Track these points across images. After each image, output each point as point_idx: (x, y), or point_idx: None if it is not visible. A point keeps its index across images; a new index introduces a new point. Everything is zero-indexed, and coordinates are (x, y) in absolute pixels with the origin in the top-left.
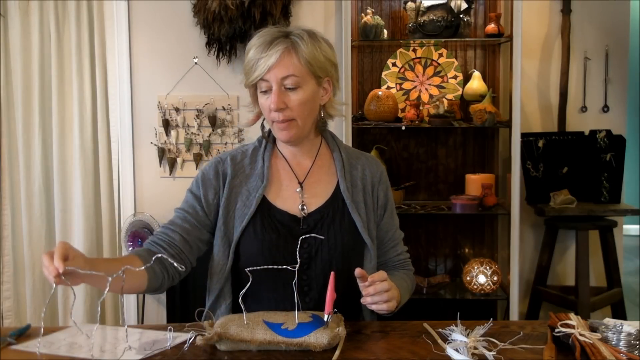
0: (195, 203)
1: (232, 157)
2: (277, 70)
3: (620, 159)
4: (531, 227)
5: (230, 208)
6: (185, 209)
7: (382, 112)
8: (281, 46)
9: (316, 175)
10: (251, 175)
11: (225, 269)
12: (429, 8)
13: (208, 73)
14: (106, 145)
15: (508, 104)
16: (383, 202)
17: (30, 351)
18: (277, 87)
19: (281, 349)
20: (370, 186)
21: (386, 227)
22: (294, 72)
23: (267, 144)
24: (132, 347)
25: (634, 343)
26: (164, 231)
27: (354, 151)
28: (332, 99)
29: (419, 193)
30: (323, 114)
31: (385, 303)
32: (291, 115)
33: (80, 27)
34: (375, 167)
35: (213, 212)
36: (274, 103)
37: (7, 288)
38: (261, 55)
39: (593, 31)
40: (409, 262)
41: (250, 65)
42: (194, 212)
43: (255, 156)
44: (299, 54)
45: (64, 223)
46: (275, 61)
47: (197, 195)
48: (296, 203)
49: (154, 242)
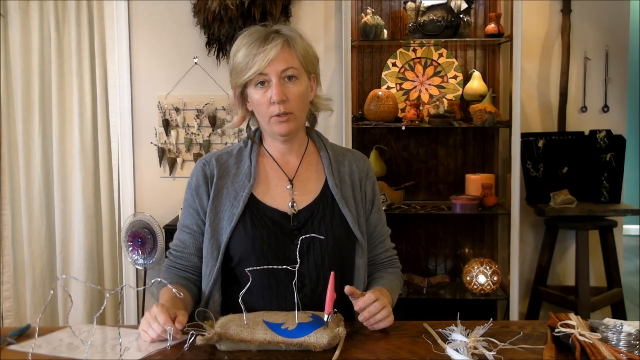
0: (197, 219)
1: (217, 158)
2: (277, 63)
3: (620, 159)
4: (531, 227)
5: (217, 209)
6: (190, 226)
7: (382, 112)
8: (279, 40)
9: (305, 173)
10: (237, 175)
11: (214, 270)
12: (429, 8)
13: (208, 73)
14: (106, 145)
15: (508, 104)
16: (371, 197)
17: (30, 351)
18: (277, 80)
19: (281, 349)
20: (358, 181)
21: (374, 221)
22: (292, 65)
23: (253, 144)
24: (132, 347)
25: (634, 343)
26: (182, 256)
27: (340, 148)
28: (317, 95)
29: (419, 193)
30: (312, 109)
31: (383, 321)
32: (290, 109)
33: (80, 27)
34: (362, 162)
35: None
36: (276, 94)
37: (7, 288)
38: (258, 51)
39: (593, 31)
40: (396, 260)
41: (245, 63)
42: (198, 229)
43: (241, 156)
44: (295, 48)
45: (64, 223)
46: (275, 54)
47: (195, 208)
48: (286, 200)
49: (180, 269)
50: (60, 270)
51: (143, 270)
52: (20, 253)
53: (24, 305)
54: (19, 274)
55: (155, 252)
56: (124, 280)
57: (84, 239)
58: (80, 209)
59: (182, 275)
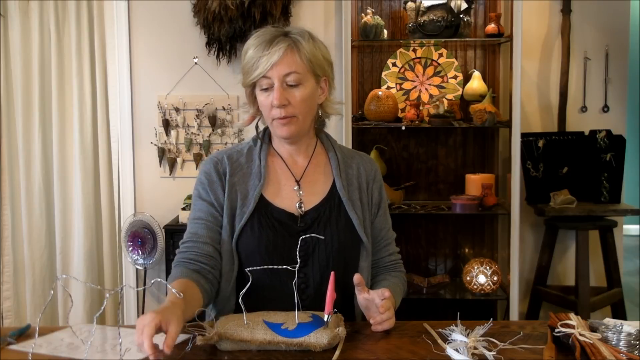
0: (212, 209)
1: (228, 156)
2: (279, 67)
3: (620, 159)
4: (531, 227)
5: (232, 206)
6: (204, 217)
7: (382, 112)
8: (283, 44)
9: (312, 174)
10: (248, 174)
11: (234, 269)
12: (429, 8)
13: (208, 73)
14: (106, 145)
15: (508, 104)
16: (377, 200)
17: (30, 351)
18: (279, 84)
19: (281, 349)
20: (365, 184)
21: (380, 225)
22: (296, 69)
23: (262, 143)
24: (132, 347)
25: (634, 343)
26: (194, 245)
27: (348, 150)
28: (328, 98)
29: (419, 193)
30: (321, 112)
31: (385, 322)
32: (293, 112)
33: (80, 27)
34: (370, 165)
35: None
36: (276, 99)
37: (7, 288)
38: (263, 54)
39: (593, 31)
40: (400, 264)
41: (251, 64)
42: (214, 220)
43: (251, 155)
44: (300, 52)
45: (64, 223)
46: (278, 58)
47: (209, 201)
48: (293, 201)
49: (191, 260)
50: (60, 270)
51: (143, 270)
52: (20, 253)
53: (24, 305)
54: (19, 274)
55: (155, 252)
56: (124, 280)
57: (84, 239)
58: (80, 209)
59: (192, 268)
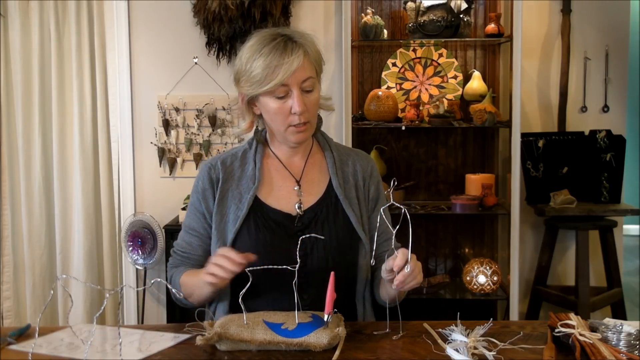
0: (204, 222)
1: (222, 162)
2: (298, 74)
3: (620, 159)
4: (531, 227)
5: (223, 213)
6: (196, 229)
7: (382, 112)
8: (299, 50)
9: (309, 174)
10: (242, 178)
11: None
12: (429, 8)
13: (208, 73)
14: (106, 145)
15: (508, 104)
16: (374, 196)
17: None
18: (298, 91)
19: (281, 349)
20: (362, 181)
21: (377, 220)
22: (310, 74)
23: (258, 145)
24: (132, 347)
25: (634, 343)
26: (189, 257)
27: (344, 148)
28: (321, 95)
29: (419, 193)
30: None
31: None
32: (308, 118)
33: (80, 27)
34: (366, 162)
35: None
36: (298, 106)
37: (7, 288)
38: (279, 62)
39: (593, 31)
40: None
41: (265, 75)
42: (205, 233)
43: (245, 158)
44: (310, 57)
45: (64, 223)
46: (297, 65)
47: (201, 212)
48: (291, 202)
49: (189, 262)
50: (60, 270)
51: (143, 270)
52: (20, 253)
53: (24, 305)
54: (19, 274)
55: (155, 252)
56: (124, 280)
57: (84, 239)
58: (80, 209)
59: (192, 265)
